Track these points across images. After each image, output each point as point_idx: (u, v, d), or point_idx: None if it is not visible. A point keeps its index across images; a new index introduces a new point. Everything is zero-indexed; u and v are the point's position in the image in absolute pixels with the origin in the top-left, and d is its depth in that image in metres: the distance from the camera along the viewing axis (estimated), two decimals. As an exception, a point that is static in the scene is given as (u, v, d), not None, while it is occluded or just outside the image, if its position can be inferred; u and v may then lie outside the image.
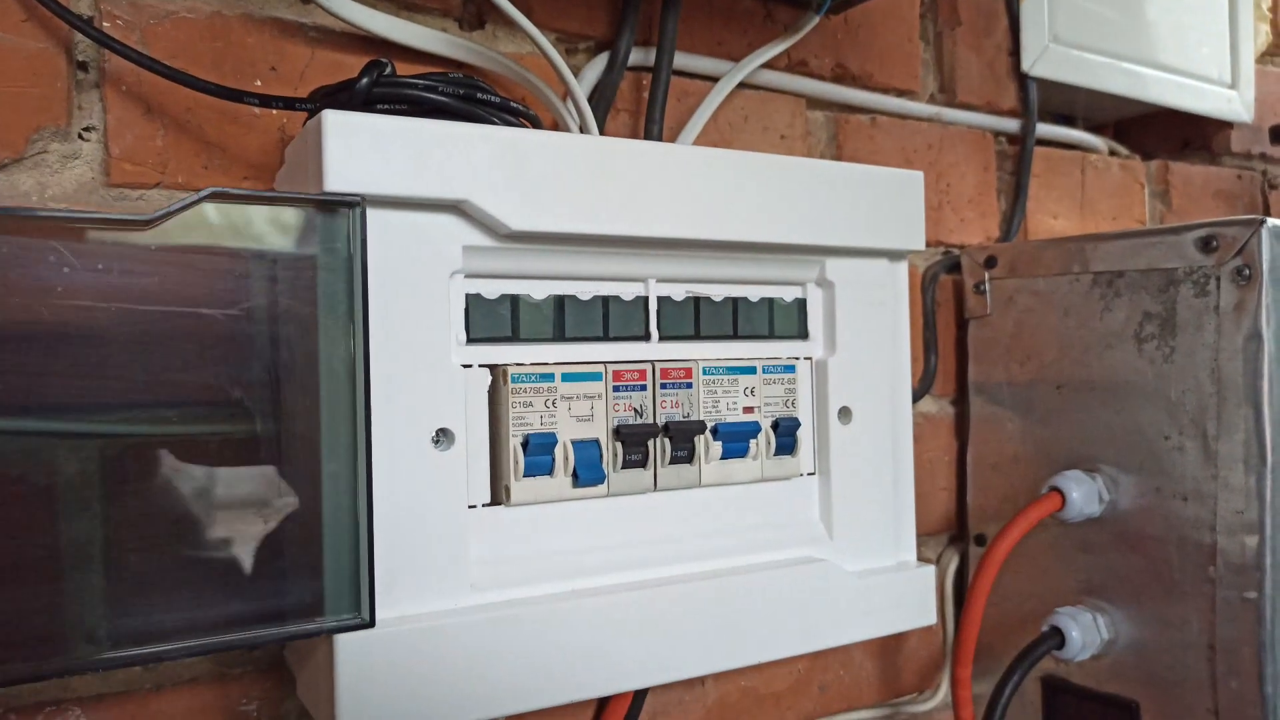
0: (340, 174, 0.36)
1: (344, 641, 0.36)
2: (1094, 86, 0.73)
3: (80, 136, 0.42)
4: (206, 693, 0.43)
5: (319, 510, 0.36)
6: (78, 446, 0.33)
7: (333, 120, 0.35)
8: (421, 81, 0.39)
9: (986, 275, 0.64)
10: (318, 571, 0.36)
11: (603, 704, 0.52)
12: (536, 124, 0.44)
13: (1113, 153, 0.81)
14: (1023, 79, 0.72)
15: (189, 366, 0.35)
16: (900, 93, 0.67)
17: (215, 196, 0.33)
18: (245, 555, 0.35)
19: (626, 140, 0.42)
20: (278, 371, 0.36)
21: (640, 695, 0.51)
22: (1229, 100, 0.83)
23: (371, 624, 0.36)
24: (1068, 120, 0.81)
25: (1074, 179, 0.77)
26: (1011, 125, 0.72)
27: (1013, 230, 0.71)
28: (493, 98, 0.41)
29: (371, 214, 0.37)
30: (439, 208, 0.38)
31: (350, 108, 0.38)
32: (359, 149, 0.36)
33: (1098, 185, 0.78)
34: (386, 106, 0.39)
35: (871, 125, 0.65)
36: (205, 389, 0.35)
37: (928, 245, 0.67)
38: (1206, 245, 0.52)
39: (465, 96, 0.40)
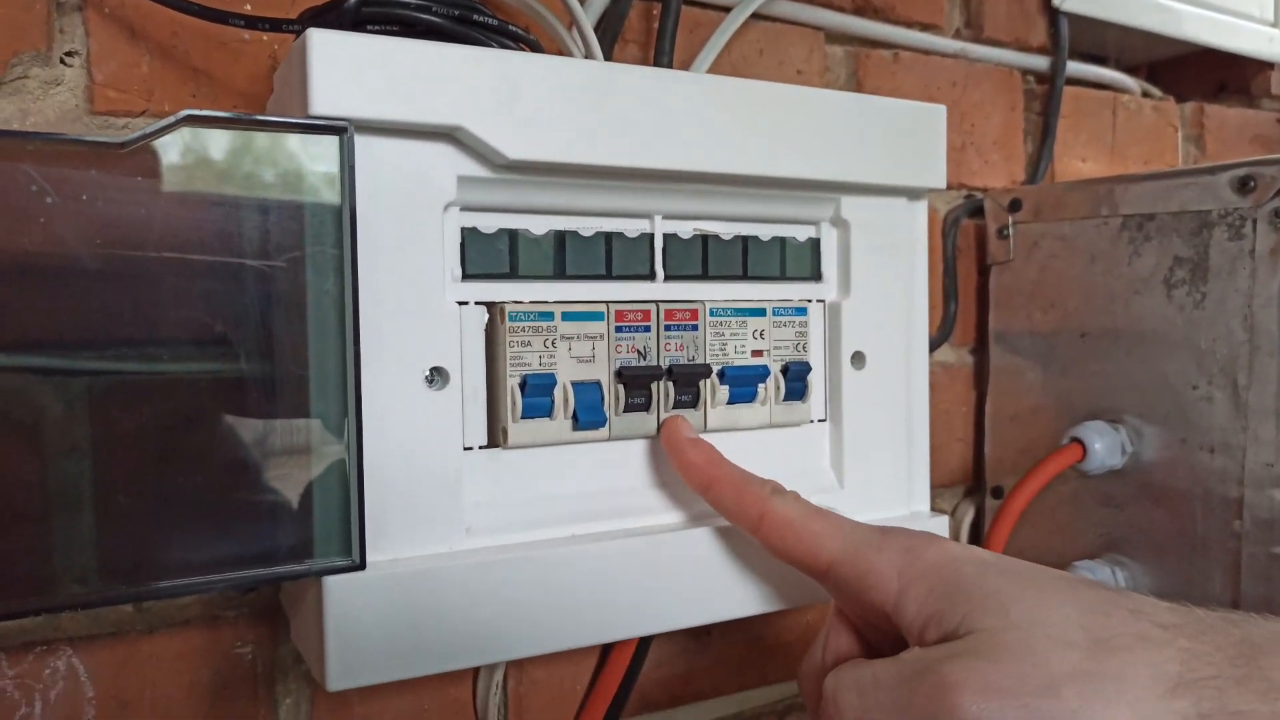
0: (326, 98, 0.34)
1: (333, 584, 0.35)
2: (1126, 23, 0.70)
3: (62, 61, 0.40)
4: (198, 636, 0.42)
5: (309, 451, 0.35)
6: (64, 384, 0.32)
7: (318, 40, 0.34)
8: (414, 1, 0.37)
9: (1010, 219, 0.62)
10: (307, 513, 0.35)
11: (606, 652, 0.51)
12: (537, 49, 0.42)
13: (1145, 94, 0.78)
14: (1053, 14, 0.69)
15: (176, 302, 0.33)
16: (924, 27, 0.64)
17: (192, 120, 0.32)
18: (234, 496, 0.34)
19: (630, 66, 0.40)
20: (267, 307, 0.34)
21: (644, 644, 0.50)
22: (1270, 40, 0.79)
23: (362, 566, 0.35)
24: (1099, 60, 0.77)
25: (1104, 121, 0.74)
26: (1040, 63, 0.69)
27: (1039, 173, 0.69)
28: (490, 20, 0.39)
29: (360, 141, 0.35)
30: (432, 135, 0.36)
31: (339, 28, 0.36)
32: (346, 71, 0.34)
33: (1129, 128, 0.75)
34: (377, 27, 0.37)
35: (893, 61, 0.62)
36: (193, 326, 0.34)
37: (950, 188, 0.65)
38: (1243, 186, 0.50)
39: (460, 18, 0.38)
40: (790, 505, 0.38)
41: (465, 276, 0.39)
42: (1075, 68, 0.71)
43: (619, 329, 0.42)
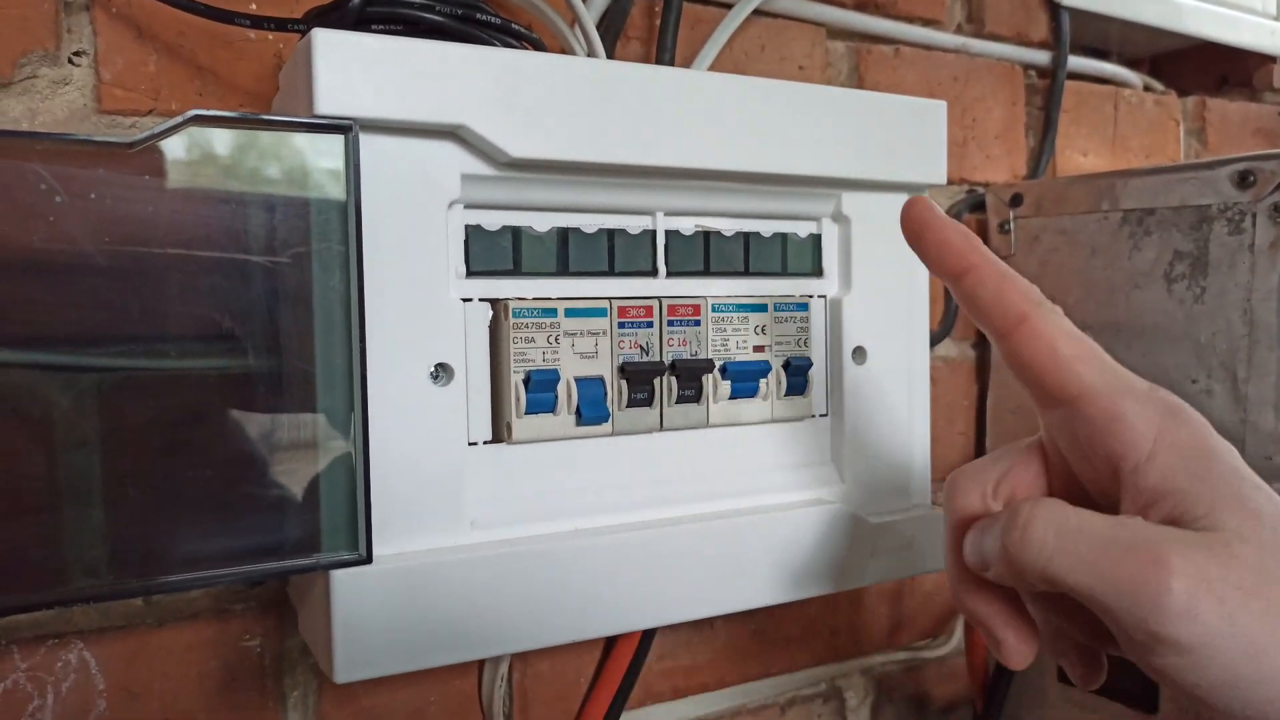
0: (331, 97, 0.34)
1: (340, 577, 0.35)
2: (1128, 17, 0.70)
3: (70, 61, 0.40)
4: (207, 629, 0.42)
5: (315, 445, 0.35)
6: (73, 380, 0.33)
7: (323, 40, 0.34)
8: (418, 0, 0.38)
9: (1011, 214, 0.62)
10: (314, 507, 0.35)
11: (609, 645, 0.51)
12: (540, 47, 0.42)
13: (1147, 88, 0.78)
14: (1055, 9, 0.69)
15: (183, 299, 0.34)
16: (926, 22, 0.64)
17: (198, 120, 0.32)
18: (242, 490, 0.35)
19: (632, 64, 0.41)
20: (273, 303, 0.35)
21: (647, 636, 0.50)
22: (1272, 33, 0.79)
23: (368, 560, 0.35)
24: (1101, 54, 0.77)
25: (1106, 115, 0.74)
26: (1042, 58, 0.69)
27: (1041, 168, 0.69)
28: (493, 19, 0.39)
29: (365, 139, 0.35)
30: (435, 133, 0.37)
31: (343, 27, 0.36)
32: (351, 71, 0.34)
33: (1130, 122, 0.76)
34: (381, 27, 0.37)
35: (895, 56, 0.63)
36: (200, 322, 0.34)
37: (951, 183, 0.65)
38: (1243, 180, 0.50)
39: (464, 17, 0.38)
40: (1059, 320, 0.33)
41: (469, 273, 0.39)
42: (1076, 62, 0.71)
43: (622, 325, 0.42)
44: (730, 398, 0.44)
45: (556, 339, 0.40)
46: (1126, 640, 0.29)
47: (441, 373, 0.38)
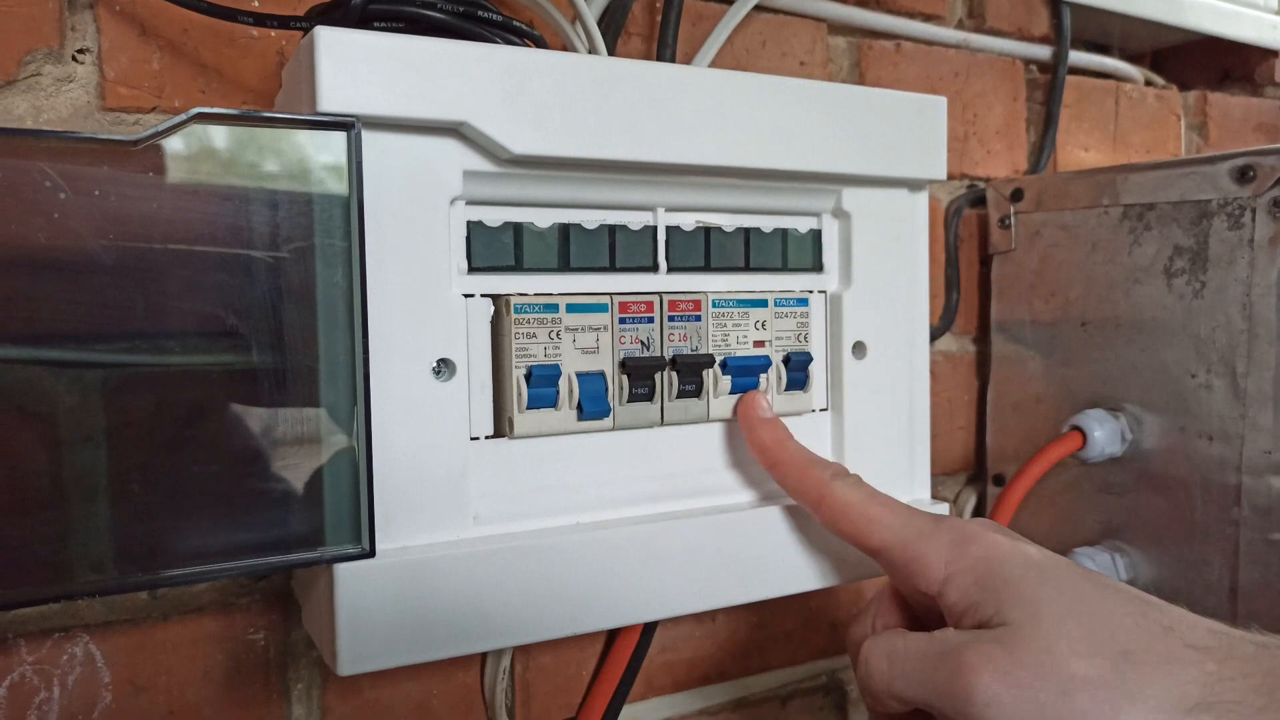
0: (334, 94, 0.34)
1: (344, 571, 0.36)
2: (1129, 11, 0.70)
3: (74, 59, 0.41)
4: (212, 622, 0.43)
5: (318, 440, 0.36)
6: (79, 376, 0.33)
7: (325, 38, 0.34)
8: (419, -2, 0.38)
9: (1012, 209, 0.62)
10: (317, 501, 0.36)
11: (611, 638, 0.52)
12: (541, 45, 0.42)
13: (1148, 83, 0.78)
14: (1056, 4, 0.69)
15: (187, 295, 0.34)
16: (926, 17, 0.64)
17: (202, 117, 0.32)
18: (246, 485, 0.35)
19: (633, 61, 0.41)
20: (276, 299, 0.35)
21: (649, 630, 0.51)
22: (1274, 27, 0.79)
23: (371, 554, 0.36)
24: (1103, 49, 0.77)
25: (1107, 110, 0.74)
26: (1043, 53, 0.69)
27: (1041, 163, 0.69)
28: (494, 16, 0.39)
29: (367, 136, 0.35)
30: (437, 130, 0.37)
31: (345, 25, 0.37)
32: (353, 68, 0.35)
33: (1131, 117, 0.76)
34: (383, 24, 0.37)
35: (896, 52, 0.63)
36: (204, 318, 0.34)
37: (952, 178, 0.65)
38: (1243, 175, 0.50)
39: (465, 14, 0.38)
40: (849, 489, 0.40)
41: (471, 269, 0.39)
42: (1078, 57, 0.71)
43: (623, 320, 0.42)
44: (731, 392, 0.45)
45: (558, 334, 0.41)
46: None
47: (444, 368, 0.38)
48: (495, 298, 0.40)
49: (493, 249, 0.40)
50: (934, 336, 0.63)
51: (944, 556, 0.36)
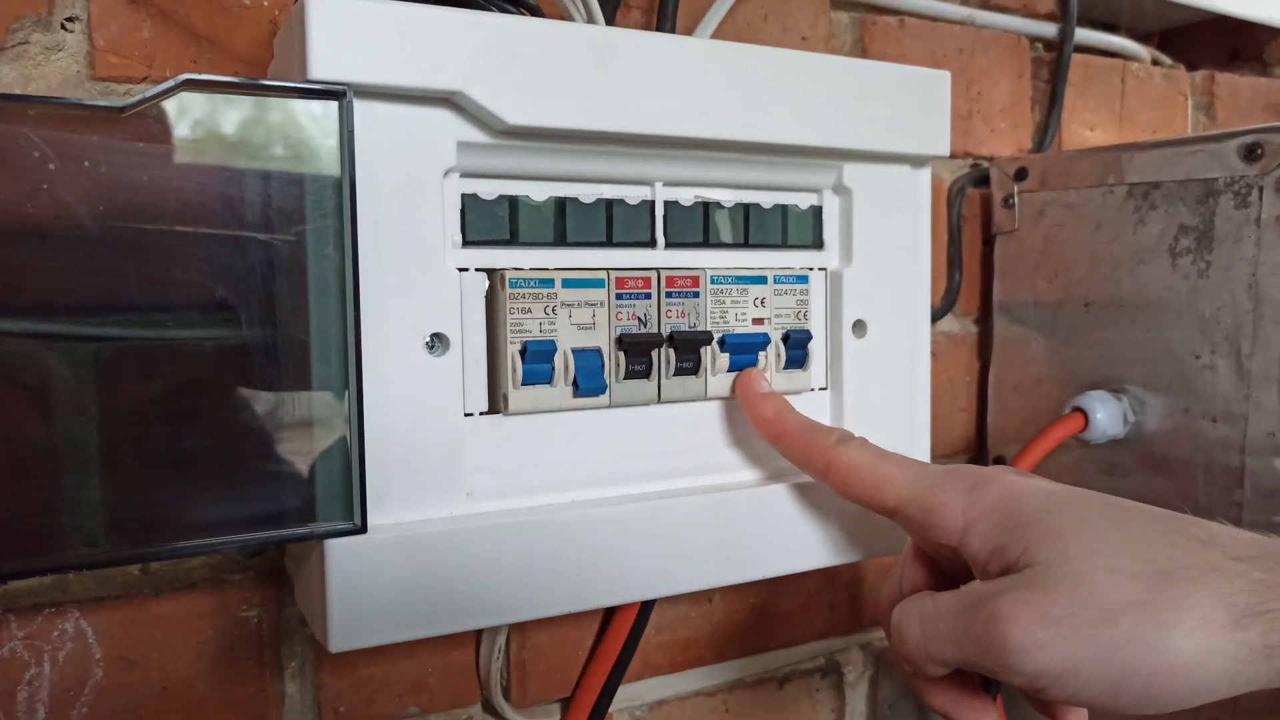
0: (325, 61, 0.34)
1: (335, 547, 0.35)
2: (1138, -11, 0.69)
3: (63, 27, 0.40)
4: (205, 599, 0.42)
5: (310, 415, 0.35)
6: (71, 349, 0.33)
7: (316, 4, 0.33)
8: (413, -35, 0.37)
9: (1016, 188, 0.61)
10: (310, 476, 0.35)
11: (608, 617, 0.51)
12: (538, 14, 0.42)
13: (1155, 62, 0.77)
14: (1062, -20, 0.68)
15: (178, 267, 0.33)
16: (931, -7, 0.63)
17: (190, 84, 0.32)
18: (238, 459, 0.35)
19: (632, 31, 0.40)
20: (268, 272, 0.34)
21: (645, 609, 0.50)
22: (1284, 6, 0.78)
23: (363, 530, 0.35)
24: (1110, 27, 0.76)
25: (1113, 89, 0.73)
26: (1049, 30, 0.68)
27: (1046, 141, 0.68)
28: (490, -16, 0.39)
29: (359, 106, 0.35)
30: (431, 100, 0.36)
31: (337, -8, 0.36)
32: (345, 34, 0.34)
33: (1138, 96, 0.75)
34: (376, -8, 0.37)
35: (900, 27, 0.62)
36: (195, 291, 0.34)
37: (956, 157, 0.64)
38: (1250, 153, 0.49)
39: (460, -18, 0.38)
40: (855, 452, 0.39)
41: (466, 243, 0.39)
42: (1084, 35, 0.70)
43: (619, 296, 0.42)
44: (729, 370, 0.44)
45: (554, 310, 0.40)
46: (1019, 689, 0.32)
47: (437, 343, 0.38)
48: (490, 272, 0.39)
49: (488, 222, 0.39)
50: (936, 317, 0.63)
51: (960, 505, 0.35)
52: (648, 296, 0.42)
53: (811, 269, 0.47)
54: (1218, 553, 0.30)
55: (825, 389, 0.48)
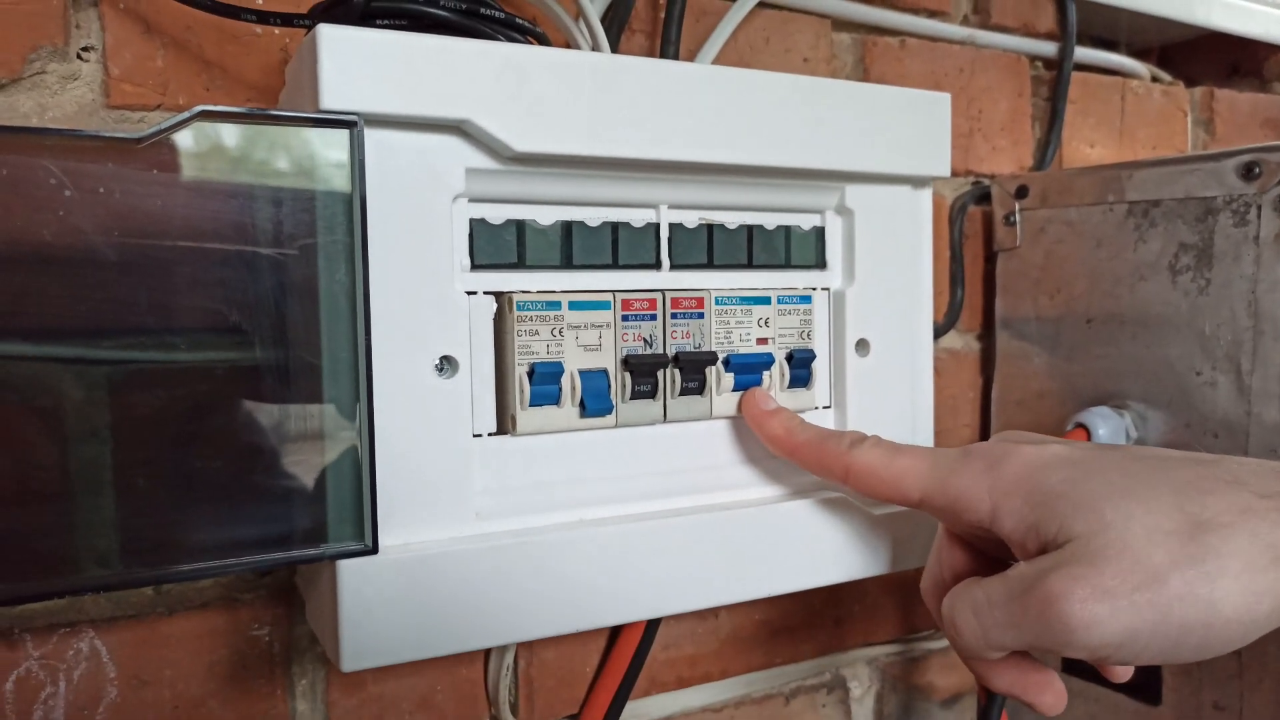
0: (336, 92, 0.34)
1: (347, 567, 0.36)
2: (1136, 7, 0.70)
3: (79, 56, 0.41)
4: (217, 617, 0.43)
5: (321, 437, 0.36)
6: (84, 372, 0.33)
7: (328, 35, 0.34)
8: (422, -4, 0.38)
9: (1017, 205, 0.62)
10: (321, 497, 0.36)
11: (614, 634, 0.52)
12: (544, 42, 0.42)
13: (1155, 79, 0.78)
14: (1062, -1, 0.69)
15: (191, 292, 0.34)
16: (931, 13, 0.64)
17: (205, 115, 0.32)
18: (250, 481, 0.35)
19: (636, 58, 0.41)
20: (280, 296, 0.35)
21: (652, 626, 0.51)
22: (1282, 22, 0.79)
23: (374, 550, 0.36)
24: (1110, 44, 0.77)
25: (1113, 106, 0.74)
26: (1049, 49, 0.69)
27: (1047, 159, 0.69)
28: (497, 13, 0.39)
29: (370, 134, 0.36)
30: (440, 128, 0.37)
31: (348, 22, 0.37)
32: (355, 65, 0.35)
33: (1138, 113, 0.75)
34: (385, 21, 0.38)
35: (900, 48, 0.63)
36: (208, 315, 0.34)
37: (957, 175, 0.65)
38: (1248, 172, 0.50)
39: (468, 11, 0.38)
40: (869, 452, 0.39)
41: (474, 267, 0.39)
42: (1083, 53, 0.71)
43: (625, 318, 0.42)
44: (734, 390, 0.45)
45: (560, 332, 0.41)
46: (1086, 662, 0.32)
47: (446, 365, 0.38)
48: (498, 295, 0.40)
49: (495, 246, 0.40)
50: (939, 334, 0.63)
51: (984, 486, 0.35)
52: (653, 318, 0.43)
53: (815, 289, 0.48)
54: (1247, 492, 0.30)
55: (829, 407, 0.48)
